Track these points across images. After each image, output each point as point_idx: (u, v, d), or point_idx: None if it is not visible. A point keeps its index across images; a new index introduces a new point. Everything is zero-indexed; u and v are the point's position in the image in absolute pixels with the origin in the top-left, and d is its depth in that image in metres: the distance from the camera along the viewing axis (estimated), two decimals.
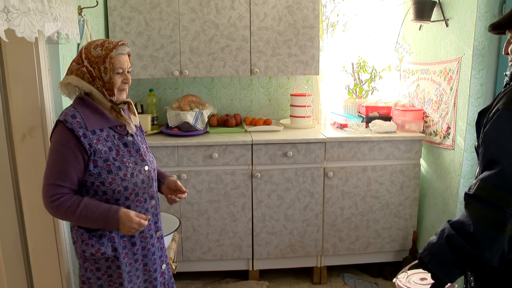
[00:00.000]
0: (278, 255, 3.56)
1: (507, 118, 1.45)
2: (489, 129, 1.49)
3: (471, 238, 1.43)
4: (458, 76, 3.06)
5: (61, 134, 1.79)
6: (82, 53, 1.85)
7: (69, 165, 1.78)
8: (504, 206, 1.38)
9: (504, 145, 1.42)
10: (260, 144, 3.35)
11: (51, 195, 1.77)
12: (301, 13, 3.51)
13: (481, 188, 1.44)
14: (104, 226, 1.83)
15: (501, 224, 1.39)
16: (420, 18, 3.30)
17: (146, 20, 3.42)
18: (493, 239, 1.40)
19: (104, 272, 1.93)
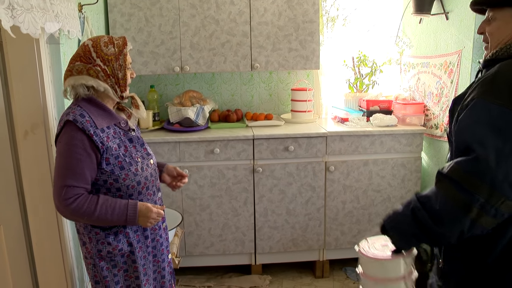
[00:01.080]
0: (281, 249, 3.57)
1: (482, 107, 1.46)
2: (465, 116, 1.51)
3: (436, 215, 1.47)
4: (458, 69, 3.07)
5: (72, 134, 1.77)
6: (91, 52, 1.83)
7: (84, 165, 1.77)
8: (474, 191, 1.40)
9: (478, 133, 1.44)
10: (262, 139, 3.36)
11: (68, 198, 1.74)
12: (301, 8, 3.51)
13: (456, 170, 1.45)
14: (124, 222, 1.83)
15: (468, 208, 1.41)
16: (420, 12, 3.30)
17: (146, 17, 3.42)
18: (456, 219, 1.43)
19: (120, 268, 1.94)
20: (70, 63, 1.85)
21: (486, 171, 1.39)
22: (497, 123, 1.42)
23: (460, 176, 1.44)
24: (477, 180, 1.40)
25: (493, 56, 1.59)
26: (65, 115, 1.81)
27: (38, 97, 2.24)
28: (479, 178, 1.40)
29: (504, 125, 1.41)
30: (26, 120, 2.25)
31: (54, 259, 2.43)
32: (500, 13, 1.59)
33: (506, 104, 1.42)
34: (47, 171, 2.32)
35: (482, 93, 1.47)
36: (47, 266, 2.43)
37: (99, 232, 1.89)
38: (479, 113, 1.46)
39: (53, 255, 2.42)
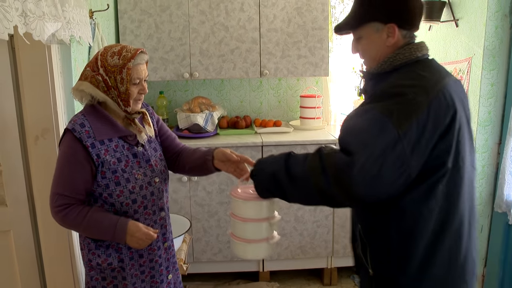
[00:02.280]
0: (289, 256, 3.56)
1: (369, 117, 1.48)
2: (354, 120, 1.54)
3: (293, 177, 1.54)
4: (468, 77, 3.05)
5: (69, 143, 1.72)
6: (98, 60, 1.76)
7: (77, 176, 1.72)
8: (335, 186, 1.42)
9: (361, 140, 1.44)
10: (270, 145, 3.35)
11: (58, 205, 1.72)
12: (310, 15, 3.52)
13: (331, 157, 1.47)
14: (111, 238, 1.76)
15: (322, 193, 1.46)
16: (429, 19, 3.28)
17: (156, 23, 3.44)
18: (306, 194, 1.52)
19: (110, 281, 1.88)
20: (85, 68, 1.81)
21: (356, 176, 1.38)
22: (377, 135, 1.41)
23: (329, 164, 1.45)
24: (345, 181, 1.40)
25: (378, 69, 1.62)
26: (68, 123, 1.77)
27: (49, 103, 2.25)
28: (348, 180, 1.40)
29: (381, 137, 1.40)
30: (37, 125, 2.26)
31: (62, 264, 2.43)
32: (363, 31, 1.64)
33: (391, 122, 1.40)
34: None
35: (373, 106, 1.49)
36: (56, 271, 2.43)
37: (90, 242, 1.84)
38: (366, 121, 1.47)
39: (62, 260, 2.43)
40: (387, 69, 1.60)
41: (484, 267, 3.17)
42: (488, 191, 3.05)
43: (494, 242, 3.08)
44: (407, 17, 1.61)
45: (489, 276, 3.13)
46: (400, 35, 1.60)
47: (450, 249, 1.54)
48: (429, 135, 1.42)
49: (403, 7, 1.61)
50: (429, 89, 1.46)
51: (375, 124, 1.43)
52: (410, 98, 1.43)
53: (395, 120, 1.40)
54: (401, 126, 1.39)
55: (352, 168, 1.38)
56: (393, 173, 1.39)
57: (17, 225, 2.33)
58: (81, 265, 2.50)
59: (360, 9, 1.65)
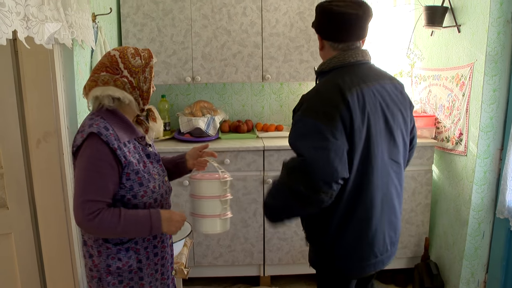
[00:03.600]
0: (290, 261, 3.55)
1: (300, 122, 1.89)
2: (293, 129, 1.93)
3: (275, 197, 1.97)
4: (470, 82, 3.05)
5: (97, 147, 1.69)
6: (118, 63, 1.77)
7: (108, 179, 1.70)
8: (295, 189, 1.82)
9: (300, 143, 1.87)
10: (272, 150, 3.35)
11: (90, 213, 1.65)
12: (312, 19, 3.51)
13: (289, 167, 1.90)
14: (149, 231, 1.75)
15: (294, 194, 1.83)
16: (431, 24, 3.29)
17: (159, 27, 3.45)
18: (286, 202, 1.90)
19: (126, 284, 1.87)
20: (95, 73, 1.79)
21: (309, 169, 1.79)
22: (311, 132, 1.83)
23: (289, 171, 1.87)
24: (301, 175, 1.81)
25: (319, 69, 2.03)
26: (87, 126, 1.72)
27: (51, 106, 2.26)
28: (303, 173, 1.81)
29: (315, 133, 1.81)
30: (39, 129, 2.26)
31: (63, 267, 2.43)
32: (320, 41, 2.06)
33: (317, 119, 1.82)
34: (58, 179, 2.34)
35: (303, 111, 1.89)
36: (57, 275, 2.44)
37: (110, 247, 1.81)
38: (301, 126, 1.88)
39: (63, 263, 2.43)
40: (326, 69, 1.99)
41: (486, 273, 3.17)
42: (490, 197, 3.05)
43: (496, 248, 3.07)
44: (330, 33, 1.99)
45: (491, 282, 3.13)
46: (327, 45, 2.01)
47: (361, 223, 1.96)
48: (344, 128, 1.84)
49: (326, 25, 1.99)
50: (345, 90, 1.85)
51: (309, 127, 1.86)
52: (327, 98, 1.88)
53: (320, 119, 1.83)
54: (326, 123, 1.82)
55: (304, 163, 1.81)
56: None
57: (18, 228, 2.34)
58: (82, 269, 2.50)
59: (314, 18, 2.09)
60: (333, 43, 1.98)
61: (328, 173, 1.79)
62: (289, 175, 1.86)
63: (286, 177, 1.88)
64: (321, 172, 1.78)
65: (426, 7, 3.28)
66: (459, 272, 3.20)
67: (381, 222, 2.02)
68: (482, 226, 3.10)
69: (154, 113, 2.00)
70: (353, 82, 1.88)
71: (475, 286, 3.19)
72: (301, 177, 1.80)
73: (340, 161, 1.80)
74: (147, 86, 1.83)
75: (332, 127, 1.80)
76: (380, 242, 2.04)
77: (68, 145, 2.35)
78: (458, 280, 3.21)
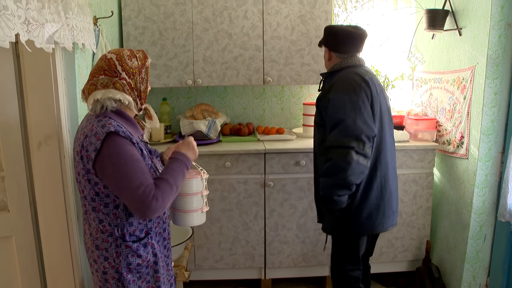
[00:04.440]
0: (291, 264, 3.55)
1: (337, 98, 2.45)
2: (331, 105, 2.47)
3: (333, 171, 2.41)
4: (471, 85, 3.05)
5: (120, 142, 1.75)
6: (116, 66, 1.83)
7: (142, 162, 1.78)
8: (347, 145, 2.36)
9: (342, 112, 2.41)
10: (273, 153, 3.35)
11: (149, 196, 1.72)
12: (313, 23, 3.53)
13: (333, 140, 2.42)
14: (187, 167, 1.94)
15: (350, 156, 2.36)
16: (432, 27, 3.29)
17: (160, 30, 3.46)
18: (346, 163, 2.36)
19: (144, 279, 1.94)
20: (93, 77, 1.83)
21: (350, 130, 2.37)
22: (347, 103, 2.41)
23: (337, 141, 2.39)
24: (346, 137, 2.37)
25: (331, 69, 2.69)
26: (100, 128, 1.76)
27: (53, 109, 2.26)
28: (348, 136, 2.37)
29: (351, 103, 2.41)
30: (40, 131, 2.26)
31: (64, 271, 2.43)
32: (323, 50, 2.80)
33: (348, 93, 2.44)
34: (59, 182, 2.33)
35: (334, 91, 2.49)
36: (58, 278, 2.43)
37: (130, 245, 1.86)
38: (338, 101, 2.44)
39: (64, 266, 2.43)
40: (336, 69, 2.65)
41: (487, 276, 3.16)
42: (492, 200, 3.05)
43: (497, 251, 3.07)
44: (338, 47, 2.66)
45: (492, 285, 3.12)
46: (334, 56, 2.69)
47: (381, 185, 2.56)
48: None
49: (335, 42, 2.66)
50: (363, 75, 2.52)
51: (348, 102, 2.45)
52: (351, 80, 2.51)
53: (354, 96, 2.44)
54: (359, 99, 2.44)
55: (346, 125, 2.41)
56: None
57: (19, 231, 2.33)
58: (83, 269, 2.50)
59: (323, 37, 2.77)
60: (340, 54, 2.66)
61: (366, 129, 2.37)
62: (341, 139, 2.38)
63: (339, 143, 2.39)
64: (363, 128, 2.36)
65: (427, 10, 3.28)
66: (460, 276, 3.20)
67: (393, 185, 2.65)
68: (483, 229, 3.09)
69: (150, 111, 2.07)
70: (363, 73, 2.54)
71: None
72: (349, 137, 2.36)
73: (371, 121, 2.43)
74: (144, 86, 1.92)
75: (361, 97, 2.42)
76: (393, 202, 2.66)
77: (69, 148, 2.35)
78: (460, 284, 3.20)
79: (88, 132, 1.78)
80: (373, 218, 2.57)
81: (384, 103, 2.60)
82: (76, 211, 2.44)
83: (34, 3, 1.63)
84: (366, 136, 2.37)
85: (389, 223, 2.65)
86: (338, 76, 2.58)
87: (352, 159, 2.34)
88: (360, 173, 2.41)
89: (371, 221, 2.58)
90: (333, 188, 2.42)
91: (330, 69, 2.69)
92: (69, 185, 2.37)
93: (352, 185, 2.42)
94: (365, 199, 2.55)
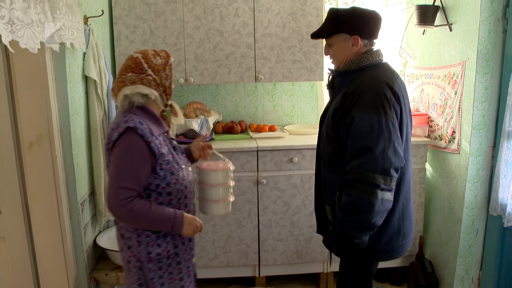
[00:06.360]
0: (285, 262, 3.56)
1: (362, 118, 2.02)
2: (355, 125, 2.04)
3: (355, 209, 2.04)
4: (462, 80, 3.06)
5: (133, 140, 1.87)
6: (142, 63, 1.96)
7: (140, 170, 1.88)
8: (373, 182, 1.98)
9: (369, 137, 2.00)
10: (266, 150, 3.36)
11: (124, 198, 1.82)
12: (305, 20, 3.53)
13: (357, 172, 2.02)
14: (171, 228, 1.94)
15: (373, 193, 1.99)
16: (423, 23, 3.30)
17: (151, 29, 3.45)
18: (370, 204, 1.99)
19: (166, 270, 2.02)
20: (121, 75, 1.96)
21: (378, 163, 1.99)
22: (376, 127, 2.00)
23: (361, 174, 2.00)
24: (373, 171, 1.99)
25: (346, 68, 2.20)
26: (123, 123, 1.89)
27: (44, 109, 2.25)
28: (374, 171, 1.99)
29: (380, 127, 2.00)
30: (31, 132, 2.26)
31: (57, 271, 2.43)
32: (334, 40, 2.22)
33: (376, 112, 2.00)
34: (51, 183, 2.33)
35: (359, 107, 2.04)
36: (51, 279, 2.43)
37: (150, 235, 1.97)
38: (364, 123, 2.01)
39: (57, 267, 2.42)
40: (354, 69, 2.19)
41: (480, 270, 3.18)
42: (483, 195, 3.06)
43: (489, 245, 3.09)
44: (368, 30, 2.19)
45: (484, 279, 3.14)
46: (362, 44, 2.19)
47: (403, 207, 2.22)
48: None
49: (365, 23, 2.18)
50: (392, 84, 2.08)
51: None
52: (380, 92, 2.05)
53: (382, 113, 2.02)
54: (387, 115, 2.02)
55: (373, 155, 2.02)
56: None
57: (11, 232, 2.32)
58: (77, 270, 2.49)
59: (332, 23, 2.21)
60: (368, 41, 2.23)
61: (395, 161, 2.02)
62: (364, 174, 2.00)
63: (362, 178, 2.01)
64: (392, 160, 2.00)
65: (418, 6, 3.29)
66: (453, 270, 3.22)
67: (412, 201, 2.33)
68: (475, 224, 3.11)
69: (175, 108, 2.17)
70: (391, 78, 2.13)
71: (469, 283, 3.21)
72: (376, 168, 1.99)
73: (401, 147, 2.07)
74: (169, 82, 2.04)
75: (391, 118, 2.02)
76: (412, 219, 2.34)
77: (60, 148, 2.35)
78: (453, 278, 3.22)
79: (114, 126, 1.93)
80: (393, 243, 2.24)
81: (408, 113, 2.20)
82: (69, 212, 2.44)
83: (19, 3, 1.63)
84: (395, 169, 2.03)
85: (407, 246, 2.32)
86: (362, 81, 2.13)
87: (376, 199, 1.99)
88: (385, 212, 2.06)
89: (391, 246, 2.24)
90: (354, 231, 2.08)
91: (347, 68, 2.21)
92: (61, 185, 2.37)
93: (376, 226, 2.08)
94: (386, 223, 2.17)
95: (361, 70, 2.17)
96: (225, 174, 2.22)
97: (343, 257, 2.39)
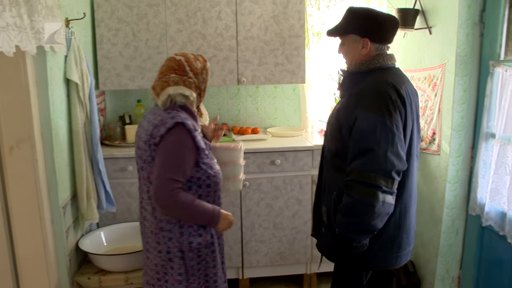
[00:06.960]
0: (268, 263, 3.57)
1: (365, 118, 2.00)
2: (358, 125, 2.02)
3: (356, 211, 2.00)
4: (442, 83, 3.11)
5: (181, 134, 2.00)
6: (185, 66, 2.10)
7: (186, 163, 2.00)
8: (374, 183, 1.94)
9: (371, 138, 1.96)
10: (248, 152, 3.37)
11: (171, 189, 1.94)
12: (287, 23, 3.56)
13: (358, 173, 1.98)
14: (208, 221, 2.10)
15: (376, 195, 1.95)
16: (404, 26, 3.34)
17: (134, 31, 3.44)
18: (370, 205, 1.95)
19: (203, 258, 2.15)
20: (164, 75, 2.09)
21: (379, 164, 1.95)
22: (379, 128, 1.96)
23: (362, 175, 1.96)
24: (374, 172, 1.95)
25: (356, 70, 2.17)
26: (169, 119, 2.00)
27: (24, 112, 2.24)
28: (375, 172, 1.95)
29: (383, 128, 1.96)
30: (12, 135, 2.24)
31: (39, 276, 2.41)
32: (346, 39, 2.20)
33: (380, 113, 1.97)
34: (33, 186, 2.31)
35: (363, 107, 2.02)
36: (32, 283, 2.41)
37: (192, 225, 2.09)
38: (367, 123, 1.98)
39: (38, 272, 2.41)
40: (364, 70, 2.14)
41: (459, 269, 3.23)
42: (463, 195, 3.11)
43: (469, 244, 3.13)
44: (378, 34, 2.14)
45: (464, 278, 3.19)
46: (372, 47, 2.14)
47: (400, 214, 2.14)
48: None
49: (376, 26, 2.12)
50: (398, 87, 2.04)
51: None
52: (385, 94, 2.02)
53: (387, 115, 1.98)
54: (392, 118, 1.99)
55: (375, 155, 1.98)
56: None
57: None
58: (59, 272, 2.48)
59: (345, 22, 2.19)
60: (379, 44, 2.17)
61: (397, 164, 1.98)
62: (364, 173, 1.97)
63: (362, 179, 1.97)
64: (394, 163, 1.96)
65: (398, 10, 3.33)
66: (434, 269, 3.26)
67: (413, 213, 2.26)
68: (455, 223, 3.16)
69: (202, 109, 2.31)
70: (398, 82, 2.10)
71: (450, 282, 3.25)
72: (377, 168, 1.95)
73: (404, 150, 2.03)
74: (204, 85, 2.20)
75: (395, 120, 1.99)
76: (411, 232, 2.26)
77: (41, 151, 2.33)
78: (434, 277, 3.26)
79: (158, 123, 2.02)
80: (386, 251, 2.17)
81: (415, 119, 2.16)
82: (50, 216, 2.42)
83: None
84: (397, 172, 1.98)
85: (405, 258, 2.25)
86: (369, 82, 2.11)
87: (377, 201, 1.95)
88: (385, 215, 2.01)
89: (383, 254, 2.17)
90: (353, 233, 2.04)
91: (358, 69, 2.18)
92: (43, 189, 2.36)
93: (376, 229, 2.04)
94: (380, 230, 2.09)
95: (371, 72, 2.14)
96: (237, 153, 2.43)
97: (336, 261, 2.35)
